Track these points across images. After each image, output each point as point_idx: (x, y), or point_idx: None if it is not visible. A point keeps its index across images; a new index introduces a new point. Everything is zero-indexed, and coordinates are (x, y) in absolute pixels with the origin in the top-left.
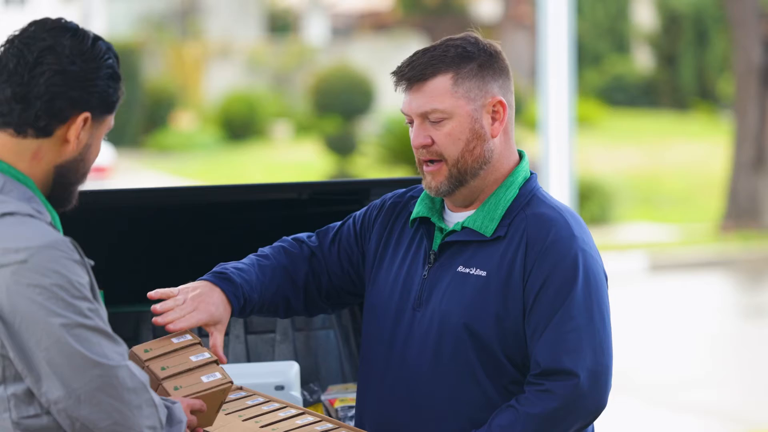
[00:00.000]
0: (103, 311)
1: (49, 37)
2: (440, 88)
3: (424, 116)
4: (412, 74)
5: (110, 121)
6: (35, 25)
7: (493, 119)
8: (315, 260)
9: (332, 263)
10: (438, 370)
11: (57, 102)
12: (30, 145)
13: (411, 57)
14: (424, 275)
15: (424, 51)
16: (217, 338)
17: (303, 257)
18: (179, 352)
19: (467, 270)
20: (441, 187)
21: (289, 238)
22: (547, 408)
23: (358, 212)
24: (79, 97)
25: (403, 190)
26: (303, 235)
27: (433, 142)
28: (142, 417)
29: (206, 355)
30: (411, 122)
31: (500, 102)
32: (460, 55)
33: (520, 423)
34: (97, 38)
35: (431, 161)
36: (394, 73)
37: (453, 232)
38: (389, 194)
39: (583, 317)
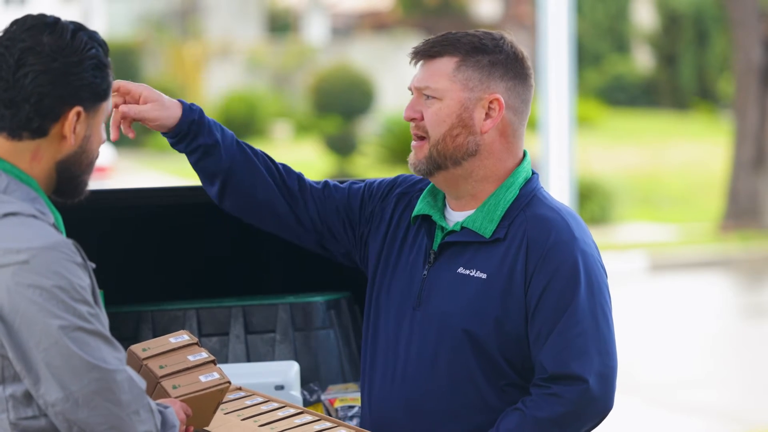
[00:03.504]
0: (104, 316)
1: (28, 37)
2: (441, 69)
3: (420, 91)
4: (422, 49)
5: (107, 107)
6: (16, 24)
7: (487, 115)
8: (303, 188)
9: (324, 198)
10: (436, 370)
11: (46, 101)
12: (28, 147)
13: (431, 38)
14: (424, 274)
15: (446, 33)
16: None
17: (289, 177)
18: (177, 352)
19: (467, 272)
20: (419, 165)
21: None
22: (556, 412)
23: (369, 180)
24: (67, 92)
25: (416, 179)
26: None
27: (422, 117)
28: (139, 422)
29: (203, 355)
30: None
31: (497, 100)
32: (474, 44)
33: (527, 426)
34: (77, 30)
35: (419, 137)
36: (413, 48)
37: (452, 232)
38: (402, 177)
39: (588, 321)
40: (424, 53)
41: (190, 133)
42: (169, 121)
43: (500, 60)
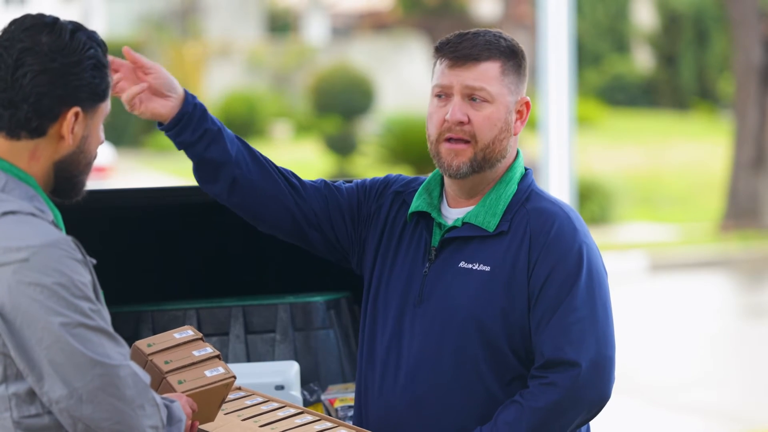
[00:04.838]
0: (105, 312)
1: (27, 37)
2: (491, 73)
3: (468, 94)
4: (467, 52)
5: (105, 107)
6: (15, 24)
7: (517, 118)
8: (303, 190)
9: (321, 198)
10: (440, 365)
11: (44, 102)
12: (26, 146)
13: (461, 35)
14: (425, 271)
15: (475, 34)
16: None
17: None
18: (182, 347)
19: (470, 265)
20: (462, 167)
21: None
22: (551, 400)
23: (358, 180)
24: (66, 93)
25: (409, 179)
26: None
27: (470, 121)
28: (144, 417)
29: (208, 350)
30: (440, 96)
31: (527, 103)
32: (509, 48)
33: (525, 418)
34: (75, 30)
35: (458, 140)
36: (443, 45)
37: (453, 228)
38: (393, 176)
39: (587, 309)
40: (471, 56)
41: (195, 114)
42: (178, 101)
43: (522, 62)
